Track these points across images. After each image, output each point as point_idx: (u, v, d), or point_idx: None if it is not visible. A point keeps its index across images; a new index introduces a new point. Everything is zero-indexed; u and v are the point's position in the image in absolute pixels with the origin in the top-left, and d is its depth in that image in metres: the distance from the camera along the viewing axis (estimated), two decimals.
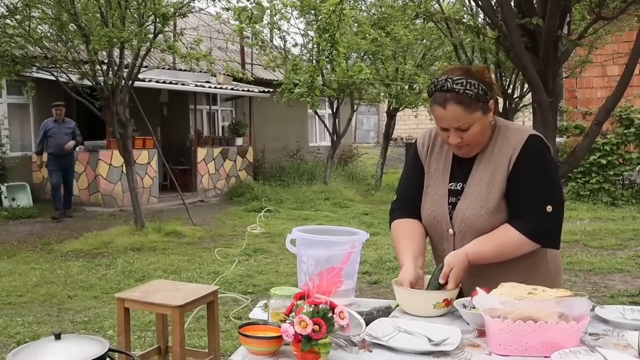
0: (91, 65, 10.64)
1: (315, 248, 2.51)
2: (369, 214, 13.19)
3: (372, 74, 16.09)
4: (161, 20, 10.26)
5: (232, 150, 17.60)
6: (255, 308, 2.50)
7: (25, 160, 15.10)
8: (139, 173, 14.06)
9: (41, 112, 15.29)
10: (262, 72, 19.79)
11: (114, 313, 5.74)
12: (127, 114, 10.94)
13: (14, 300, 6.89)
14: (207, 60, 11.13)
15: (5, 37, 10.53)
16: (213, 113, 19.60)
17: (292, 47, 18.70)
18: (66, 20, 10.17)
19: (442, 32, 11.49)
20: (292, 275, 7.68)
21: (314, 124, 23.26)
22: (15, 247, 9.99)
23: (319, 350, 1.88)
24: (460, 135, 2.40)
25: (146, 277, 7.72)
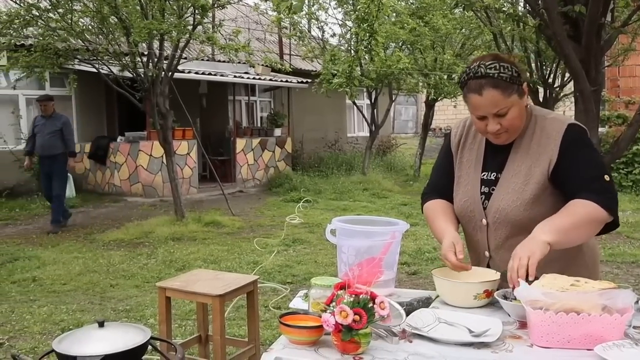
0: (132, 57, 10.76)
1: (355, 238, 2.51)
2: (407, 205, 13.14)
3: (411, 63, 16.00)
4: (200, 12, 10.31)
5: (271, 140, 17.66)
6: (295, 298, 2.51)
7: None
8: (179, 164, 14.18)
9: (83, 104, 15.57)
10: (301, 62, 19.82)
11: (155, 302, 5.82)
12: (167, 105, 11.04)
13: (58, 288, 7.02)
14: (246, 51, 11.17)
15: (49, 31, 10.72)
16: (252, 104, 19.69)
17: (330, 38, 18.67)
18: (107, 13, 10.29)
19: (482, 21, 11.38)
20: (331, 266, 7.70)
21: (352, 115, 23.23)
22: (59, 237, 10.17)
23: (360, 340, 1.88)
24: (499, 122, 2.37)
25: (186, 266, 7.80)
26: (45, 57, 10.87)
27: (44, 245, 9.40)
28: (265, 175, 17.30)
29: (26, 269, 7.80)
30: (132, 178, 14.65)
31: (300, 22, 16.99)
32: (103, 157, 15.13)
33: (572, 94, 7.38)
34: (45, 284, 7.21)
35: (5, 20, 10.13)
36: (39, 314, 5.90)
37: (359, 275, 2.16)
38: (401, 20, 15.96)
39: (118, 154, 14.85)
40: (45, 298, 6.61)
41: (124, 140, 15.01)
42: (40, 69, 11.12)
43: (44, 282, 7.27)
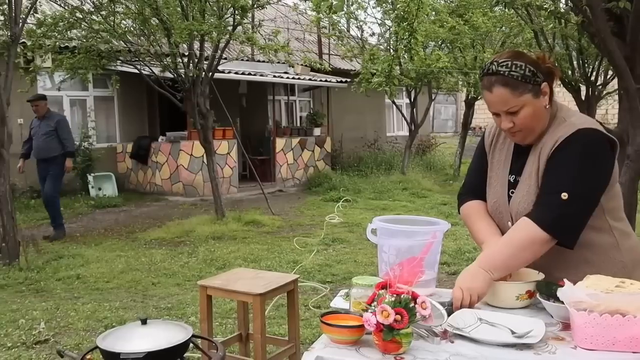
0: (172, 58, 10.88)
1: (396, 238, 2.51)
2: (447, 204, 13.06)
3: (450, 62, 15.90)
4: (240, 12, 10.39)
5: (310, 140, 17.70)
6: (336, 297, 2.52)
7: (110, 151, 15.62)
8: (219, 163, 14.29)
9: (125, 104, 15.79)
10: (340, 62, 19.83)
11: (196, 300, 5.88)
12: (208, 105, 11.14)
13: (101, 286, 7.13)
14: (285, 51, 11.22)
15: (92, 33, 10.90)
16: (291, 103, 19.76)
17: (369, 37, 18.66)
18: (148, 15, 10.42)
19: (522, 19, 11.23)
20: (370, 265, 7.69)
21: (391, 114, 23.18)
22: (102, 235, 10.33)
23: (401, 340, 1.88)
24: (511, 120, 2.35)
25: (227, 265, 7.86)
26: (88, 58, 11.06)
27: (88, 244, 9.55)
28: (305, 175, 17.34)
29: (70, 267, 7.94)
30: (173, 177, 14.80)
31: (339, 21, 17.01)
32: (145, 157, 15.32)
33: (616, 92, 7.26)
34: (89, 281, 7.32)
35: (50, 23, 10.31)
36: (83, 311, 5.99)
37: (399, 275, 2.15)
38: (440, 18, 15.86)
39: (159, 154, 15.03)
40: (89, 295, 6.72)
41: (165, 140, 15.18)
42: (84, 71, 11.30)
43: (88, 279, 7.39)
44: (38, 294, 6.83)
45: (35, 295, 6.75)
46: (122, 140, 15.98)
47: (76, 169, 14.22)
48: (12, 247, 7.92)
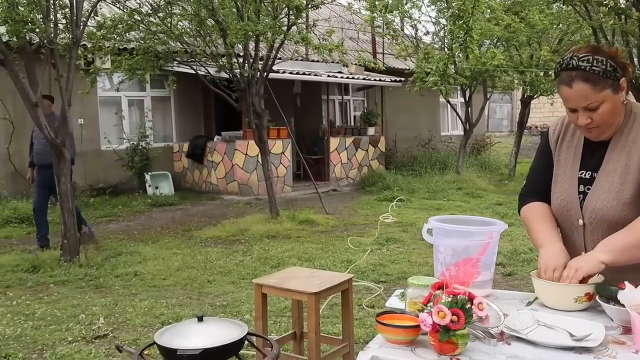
0: (228, 59, 11.00)
1: (452, 238, 2.49)
2: (502, 204, 12.91)
3: (506, 60, 15.68)
4: (294, 12, 10.44)
5: (364, 139, 17.68)
6: (391, 297, 2.52)
7: (167, 151, 15.89)
8: (274, 162, 14.40)
9: (182, 104, 16.03)
10: (394, 61, 19.76)
11: (251, 298, 5.94)
12: (262, 104, 11.22)
13: (158, 283, 7.25)
14: (339, 50, 11.22)
15: (150, 34, 11.09)
16: (345, 103, 19.77)
17: (423, 36, 18.55)
18: (205, 16, 10.55)
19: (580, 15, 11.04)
20: (424, 265, 7.64)
21: (445, 113, 23.01)
22: (158, 233, 10.50)
23: (457, 341, 1.87)
24: (590, 116, 2.30)
25: (281, 264, 7.90)
26: (146, 59, 11.27)
27: (145, 241, 9.72)
28: (359, 174, 17.33)
29: (128, 264, 8.09)
30: (229, 177, 14.95)
31: (393, 20, 16.93)
32: (200, 156, 15.52)
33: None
34: (146, 278, 7.45)
35: (110, 25, 10.52)
36: (140, 307, 6.10)
37: (455, 275, 2.14)
38: (496, 16, 15.66)
39: (215, 153, 15.20)
40: (146, 292, 6.84)
41: (220, 140, 15.35)
42: (142, 71, 11.50)
43: (145, 276, 7.52)
44: (97, 290, 6.99)
45: (95, 291, 6.90)
46: (179, 139, 16.23)
47: (134, 168, 14.52)
48: (73, 244, 8.11)
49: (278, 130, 14.98)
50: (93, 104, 14.55)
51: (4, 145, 13.24)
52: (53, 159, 8.16)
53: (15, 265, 7.89)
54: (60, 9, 8.15)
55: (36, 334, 5.35)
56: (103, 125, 14.92)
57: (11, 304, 6.33)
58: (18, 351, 4.96)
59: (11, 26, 7.46)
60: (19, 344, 5.13)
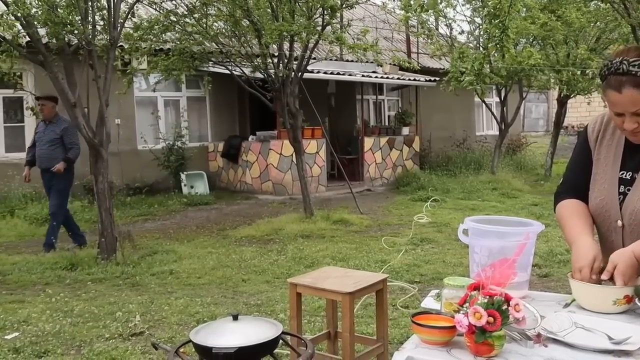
0: (263, 59, 11.05)
1: (488, 238, 2.47)
2: (538, 205, 12.78)
3: (542, 59, 15.50)
4: (329, 12, 10.45)
5: (399, 139, 17.62)
6: (427, 297, 2.51)
7: (202, 150, 16.01)
8: (308, 162, 14.42)
9: (217, 104, 16.15)
10: (428, 60, 19.68)
11: (285, 297, 5.96)
12: (297, 104, 11.25)
13: (193, 281, 7.31)
14: (374, 50, 11.20)
15: (185, 35, 11.19)
16: (379, 103, 19.73)
17: (458, 35, 18.42)
18: (240, 17, 10.61)
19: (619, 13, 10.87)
20: (459, 266, 7.60)
21: (480, 113, 22.84)
22: (194, 232, 10.59)
23: (493, 343, 1.86)
24: (637, 120, 2.25)
25: (315, 263, 7.91)
26: (182, 60, 11.37)
27: (180, 240, 9.81)
28: (393, 174, 17.29)
29: (164, 263, 8.17)
30: (263, 176, 15.02)
31: (428, 19, 16.84)
32: (235, 156, 15.61)
33: None
34: (181, 277, 7.52)
35: (146, 26, 10.63)
36: (175, 306, 6.16)
37: (491, 276, 2.12)
38: (532, 15, 15.50)
39: (249, 153, 15.28)
40: (181, 290, 6.90)
41: (255, 140, 15.42)
42: (178, 72, 11.61)
43: (181, 275, 7.59)
44: (134, 287, 7.07)
45: (131, 289, 6.98)
46: (214, 139, 16.35)
47: (170, 167, 14.66)
48: (110, 242, 8.22)
49: (312, 130, 15.00)
50: (130, 104, 14.73)
51: None
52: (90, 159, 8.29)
53: (54, 263, 8.02)
54: (98, 11, 8.27)
55: (74, 331, 5.43)
56: (140, 125, 15.10)
57: (50, 301, 6.44)
58: (57, 347, 5.04)
59: (51, 28, 7.60)
60: (57, 340, 5.22)
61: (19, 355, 4.87)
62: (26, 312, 5.99)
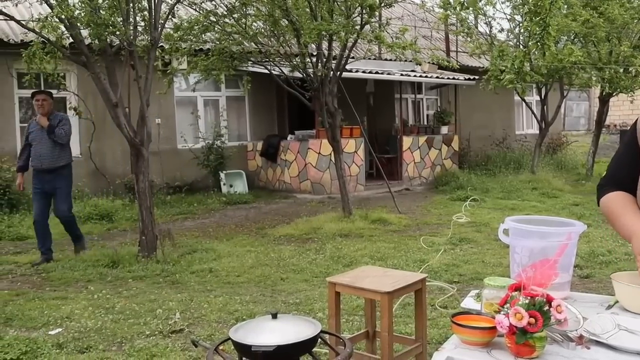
0: (302, 58, 11.07)
1: (529, 239, 2.45)
2: (579, 205, 12.60)
3: (584, 57, 15.27)
4: (368, 11, 10.42)
5: (437, 138, 17.53)
6: (467, 297, 2.49)
7: (241, 150, 16.12)
8: (347, 161, 14.42)
9: (256, 104, 16.25)
10: (468, 59, 19.52)
11: (323, 296, 5.97)
12: (336, 104, 11.26)
13: (232, 280, 7.36)
14: (413, 49, 11.15)
15: (225, 35, 11.27)
16: (418, 102, 19.65)
17: (498, 33, 18.22)
18: (279, 16, 10.65)
19: None
20: (498, 266, 7.53)
21: (520, 112, 22.60)
22: (233, 231, 10.66)
23: (534, 344, 1.84)
24: None
25: (353, 262, 7.91)
26: (221, 60, 11.45)
27: (220, 239, 9.88)
28: (432, 174, 17.20)
29: (203, 261, 8.24)
30: (302, 175, 15.06)
31: (467, 18, 16.70)
32: (274, 155, 15.68)
33: None
34: (220, 275, 7.58)
35: (186, 27, 10.74)
36: (215, 304, 6.21)
37: (533, 276, 2.10)
38: (573, 12, 15.28)
39: (288, 152, 15.33)
40: (220, 288, 6.95)
41: (293, 139, 15.47)
42: (217, 72, 11.69)
43: (220, 273, 7.65)
44: (174, 285, 7.14)
45: (171, 287, 7.06)
46: (253, 138, 16.45)
47: (209, 166, 14.78)
48: (151, 240, 8.32)
49: (351, 129, 15.00)
50: (170, 104, 14.90)
51: (85, 144, 13.69)
52: (131, 159, 8.37)
53: (95, 261, 8.15)
54: (139, 12, 8.38)
55: (115, 327, 5.51)
56: (179, 125, 15.26)
57: (92, 298, 6.54)
58: (99, 343, 5.13)
59: (93, 29, 7.71)
60: (99, 336, 5.30)
61: (62, 350, 4.96)
62: (69, 309, 6.10)
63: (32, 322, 5.73)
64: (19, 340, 5.03)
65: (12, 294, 6.79)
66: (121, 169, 13.98)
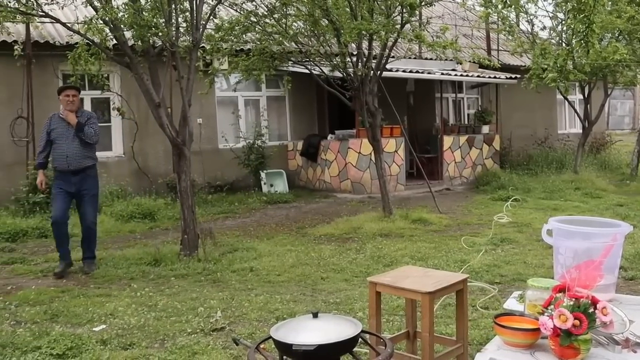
0: (342, 58, 11.07)
1: (573, 239, 2.43)
2: (623, 205, 12.37)
3: (629, 54, 14.99)
4: (408, 10, 10.38)
5: (478, 138, 17.38)
6: (509, 298, 2.48)
7: (281, 149, 16.18)
8: (387, 161, 14.39)
9: (296, 104, 16.31)
10: (509, 57, 19.32)
11: (364, 296, 5.97)
12: (376, 103, 11.24)
13: (273, 279, 7.40)
14: (453, 48, 11.07)
15: (265, 35, 11.33)
16: (459, 101, 19.52)
17: (539, 31, 17.98)
18: (319, 16, 10.66)
19: None
20: (540, 267, 7.44)
21: (563, 111, 22.29)
22: (273, 230, 10.71)
23: (579, 347, 1.82)
24: None
25: (394, 262, 7.89)
26: (262, 60, 11.52)
27: (260, 238, 9.94)
28: (473, 173, 17.06)
29: (244, 260, 8.30)
30: (342, 175, 15.06)
31: (508, 16, 16.53)
32: (314, 155, 15.71)
33: None
34: (261, 274, 7.62)
35: (227, 27, 10.81)
36: (255, 302, 6.25)
37: (577, 278, 2.08)
38: (618, 8, 15.02)
39: (328, 152, 15.35)
40: (261, 287, 6.99)
41: (334, 138, 15.48)
42: (258, 72, 11.76)
43: (260, 272, 7.69)
44: (215, 284, 7.20)
45: (212, 285, 7.12)
46: (293, 138, 16.50)
47: (250, 166, 14.87)
48: (192, 239, 8.41)
49: (391, 128, 14.96)
50: (211, 104, 15.03)
51: (128, 144, 13.88)
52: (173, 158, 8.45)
53: (138, 259, 8.26)
54: (181, 13, 8.47)
55: (158, 325, 5.58)
56: (220, 125, 15.38)
57: (135, 295, 6.64)
58: (141, 340, 5.20)
59: (136, 31, 7.82)
60: (142, 333, 5.38)
61: (106, 347, 5.05)
62: (112, 306, 6.20)
63: (77, 319, 5.85)
64: (64, 336, 5.15)
65: (58, 291, 6.92)
66: (163, 168, 14.15)
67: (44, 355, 4.83)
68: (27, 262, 8.52)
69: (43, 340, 5.09)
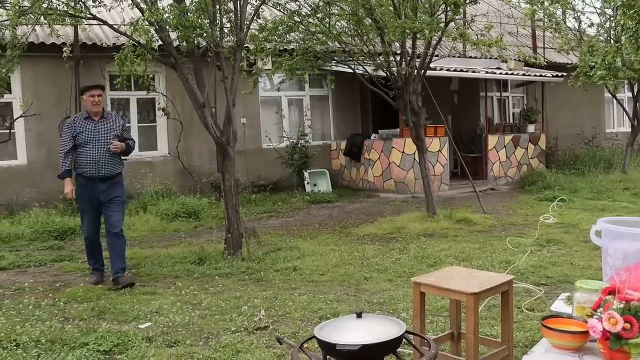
0: (386, 57, 11.04)
1: (623, 241, 2.37)
2: None
3: None
4: (452, 9, 10.29)
5: (524, 137, 17.16)
6: (557, 300, 2.44)
7: (325, 149, 16.21)
8: (431, 161, 14.30)
9: (340, 103, 16.33)
10: (555, 55, 19.05)
11: (408, 296, 5.94)
12: (420, 102, 11.18)
13: (316, 278, 7.40)
14: (499, 46, 10.95)
15: (309, 35, 11.36)
16: (504, 100, 19.30)
17: (587, 28, 17.68)
18: (362, 15, 10.64)
19: None
20: (588, 269, 7.31)
21: (611, 109, 21.89)
22: (317, 230, 10.72)
23: (630, 351, 1.78)
24: None
25: (438, 263, 7.84)
26: (305, 60, 11.56)
27: (304, 238, 9.96)
28: (518, 173, 16.86)
29: (288, 259, 8.32)
30: (385, 175, 15.02)
31: (555, 13, 16.29)
32: (358, 155, 15.70)
33: None
34: (304, 273, 7.63)
35: (271, 27, 10.87)
36: (299, 302, 6.26)
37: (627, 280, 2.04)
38: None
39: (372, 151, 15.32)
40: (304, 287, 7.00)
41: (377, 138, 15.45)
42: (301, 72, 11.81)
43: (304, 272, 7.69)
44: (259, 283, 7.24)
45: (256, 285, 7.15)
46: (337, 138, 16.51)
47: (293, 165, 14.93)
48: (236, 238, 8.46)
49: (435, 128, 14.87)
50: (255, 103, 15.12)
51: (173, 144, 14.04)
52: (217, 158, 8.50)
53: (183, 258, 8.35)
54: (226, 14, 8.55)
55: (202, 323, 5.63)
56: (264, 124, 15.47)
57: (180, 294, 6.70)
58: (186, 338, 5.25)
59: (182, 32, 7.90)
60: (187, 331, 5.43)
61: (151, 344, 5.11)
62: (158, 304, 6.27)
63: (124, 316, 5.93)
64: (111, 333, 5.23)
65: (105, 289, 7.04)
66: (208, 168, 14.29)
67: (91, 351, 4.92)
68: (75, 260, 8.67)
69: (91, 337, 5.19)
